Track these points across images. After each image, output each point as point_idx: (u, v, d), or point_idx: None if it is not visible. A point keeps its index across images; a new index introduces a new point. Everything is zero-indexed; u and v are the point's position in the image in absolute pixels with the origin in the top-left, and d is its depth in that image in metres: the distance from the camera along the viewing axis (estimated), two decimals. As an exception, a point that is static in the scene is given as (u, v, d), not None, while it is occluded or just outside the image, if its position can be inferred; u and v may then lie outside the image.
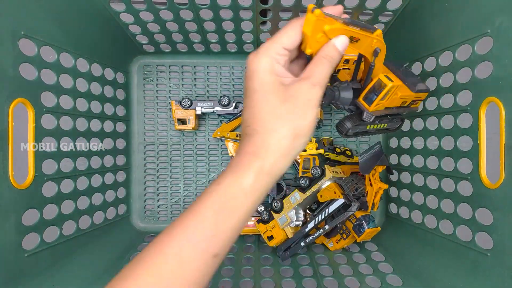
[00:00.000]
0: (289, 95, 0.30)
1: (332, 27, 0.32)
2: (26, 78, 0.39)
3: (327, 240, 0.56)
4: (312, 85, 0.31)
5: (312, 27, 0.31)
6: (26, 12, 0.38)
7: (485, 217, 0.38)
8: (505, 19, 0.35)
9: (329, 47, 0.32)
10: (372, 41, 0.35)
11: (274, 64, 0.31)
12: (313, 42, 0.31)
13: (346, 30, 0.32)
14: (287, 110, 0.30)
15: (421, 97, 0.42)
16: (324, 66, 0.32)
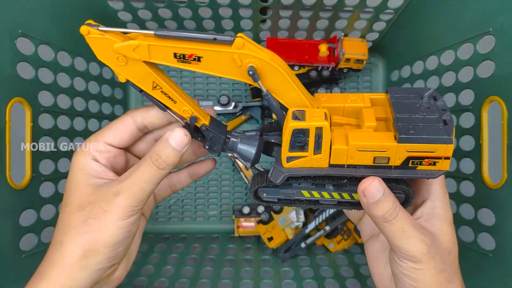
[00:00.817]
0: (89, 201, 0.26)
1: (123, 44, 0.24)
2: (24, 77, 0.38)
3: (328, 241, 0.56)
4: (114, 193, 0.26)
5: (99, 50, 0.24)
6: (24, 11, 0.38)
7: (488, 217, 0.38)
8: (507, 17, 0.35)
9: (160, 143, 0.27)
10: (232, 57, 0.24)
11: (89, 162, 0.27)
12: (117, 67, 0.25)
13: (155, 46, 0.24)
14: (82, 218, 0.26)
15: (434, 151, 0.25)
16: (146, 170, 0.27)
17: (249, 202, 0.63)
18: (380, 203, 0.26)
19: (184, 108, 0.27)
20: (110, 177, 0.28)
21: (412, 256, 0.26)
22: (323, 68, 0.57)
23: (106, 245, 0.26)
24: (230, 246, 0.57)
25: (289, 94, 0.27)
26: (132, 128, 0.29)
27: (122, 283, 0.46)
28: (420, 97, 0.27)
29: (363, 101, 0.29)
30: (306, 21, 0.52)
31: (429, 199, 0.29)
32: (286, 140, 0.26)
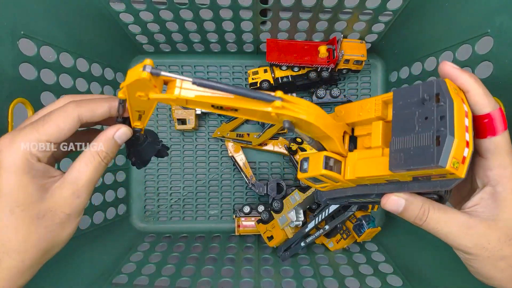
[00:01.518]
0: (46, 208, 0.25)
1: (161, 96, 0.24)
2: (26, 78, 0.39)
3: (327, 240, 0.56)
4: (76, 195, 0.26)
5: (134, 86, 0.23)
6: (26, 12, 0.38)
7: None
8: (506, 18, 0.35)
9: (107, 140, 0.27)
10: (270, 115, 0.23)
11: (32, 162, 0.25)
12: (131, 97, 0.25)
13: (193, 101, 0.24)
14: (43, 225, 0.25)
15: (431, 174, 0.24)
16: (96, 166, 0.27)
17: (249, 202, 0.63)
18: (405, 212, 0.27)
19: (136, 124, 0.29)
20: (53, 174, 0.27)
21: (463, 250, 0.27)
22: (322, 69, 0.57)
23: (64, 242, 0.28)
24: (230, 245, 0.57)
25: (323, 136, 0.27)
26: (76, 126, 0.27)
27: (123, 283, 0.46)
28: (422, 101, 0.25)
29: (374, 107, 0.28)
30: (306, 23, 0.53)
31: (489, 185, 0.27)
32: (309, 183, 0.30)
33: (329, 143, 0.28)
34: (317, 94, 0.59)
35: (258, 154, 0.63)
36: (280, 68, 0.58)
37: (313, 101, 0.59)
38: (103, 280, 0.46)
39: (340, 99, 0.59)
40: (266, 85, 0.58)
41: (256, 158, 0.63)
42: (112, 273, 0.48)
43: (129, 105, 0.26)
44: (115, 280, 0.47)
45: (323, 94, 0.59)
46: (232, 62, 0.63)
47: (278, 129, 0.60)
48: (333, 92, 0.59)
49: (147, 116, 0.28)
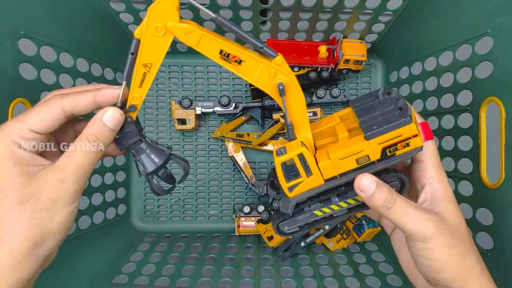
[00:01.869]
0: (30, 193, 0.25)
1: (180, 25, 0.25)
2: (26, 78, 0.39)
3: (327, 240, 0.56)
4: (60, 180, 0.25)
5: (155, 15, 0.24)
6: (26, 12, 0.38)
7: (486, 217, 0.38)
8: (505, 19, 0.35)
9: (95, 123, 0.27)
10: (269, 70, 0.27)
11: (15, 149, 0.25)
12: (148, 30, 0.25)
13: (207, 37, 0.25)
14: (28, 211, 0.24)
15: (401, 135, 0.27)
16: (87, 152, 0.26)
17: (249, 202, 0.63)
18: (377, 194, 0.28)
19: (136, 95, 0.28)
20: (41, 162, 0.26)
21: (422, 236, 0.28)
22: (322, 69, 0.57)
23: (58, 232, 0.26)
24: (230, 245, 0.57)
25: (301, 117, 0.30)
26: (60, 116, 0.27)
27: (123, 283, 0.46)
28: (377, 97, 0.30)
29: (334, 120, 0.33)
30: (306, 23, 0.53)
31: (427, 184, 0.31)
32: (280, 175, 0.30)
33: (303, 129, 0.30)
34: (317, 94, 0.59)
35: (258, 154, 0.63)
36: (280, 68, 0.58)
37: (313, 101, 0.59)
38: (103, 280, 0.46)
39: (340, 99, 0.59)
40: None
41: (256, 158, 0.63)
42: (112, 273, 0.48)
43: (140, 51, 0.26)
44: (115, 280, 0.47)
45: (323, 94, 0.59)
46: (232, 62, 0.63)
47: (278, 129, 0.60)
48: (333, 92, 0.59)
49: (151, 78, 0.27)
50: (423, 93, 0.51)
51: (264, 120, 0.61)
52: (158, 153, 0.30)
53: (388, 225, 0.37)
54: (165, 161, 0.31)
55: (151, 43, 0.26)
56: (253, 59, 0.26)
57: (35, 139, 0.26)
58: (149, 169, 0.30)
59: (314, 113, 0.57)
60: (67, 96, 0.27)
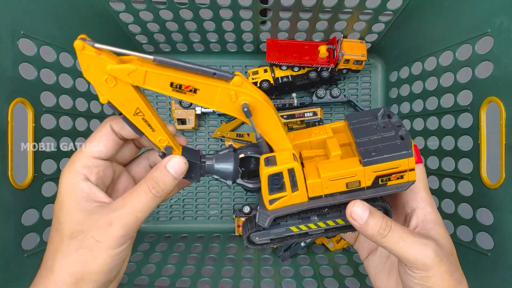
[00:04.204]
0: (83, 229, 0.25)
1: (119, 67, 0.23)
2: (26, 78, 0.39)
3: (328, 240, 0.56)
4: (108, 222, 0.25)
5: (89, 68, 0.23)
6: (26, 12, 0.38)
7: (486, 217, 0.38)
8: (506, 18, 0.35)
9: (158, 170, 0.26)
10: (229, 93, 0.24)
11: (78, 182, 0.26)
12: (103, 88, 0.24)
13: (152, 73, 0.23)
14: (74, 247, 0.25)
15: (398, 166, 0.27)
16: (142, 199, 0.26)
17: (249, 202, 0.63)
18: (371, 221, 0.27)
19: (160, 137, 0.27)
20: (101, 198, 0.26)
21: (422, 263, 0.26)
22: (322, 69, 0.57)
23: (98, 273, 0.25)
24: (230, 245, 0.57)
25: (276, 132, 0.28)
26: (114, 137, 0.28)
27: (123, 283, 0.46)
28: (375, 118, 0.29)
29: (325, 132, 0.32)
30: (306, 23, 0.53)
31: (419, 207, 0.30)
32: (264, 185, 0.28)
33: (280, 143, 0.28)
34: (317, 94, 0.59)
35: (258, 154, 0.63)
36: (280, 68, 0.58)
37: (313, 101, 0.59)
38: (103, 280, 0.46)
39: (340, 99, 0.59)
40: (266, 85, 0.58)
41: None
42: (112, 273, 0.48)
43: (120, 109, 0.25)
44: (115, 280, 0.47)
45: (323, 94, 0.59)
46: (232, 62, 0.63)
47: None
48: (333, 92, 0.59)
49: (151, 117, 0.26)
50: (423, 93, 0.51)
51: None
52: (225, 159, 0.30)
53: (362, 250, 0.36)
54: (236, 160, 0.30)
55: (118, 96, 0.24)
56: (208, 85, 0.24)
57: (98, 166, 0.27)
58: (231, 177, 0.30)
59: (314, 113, 0.57)
60: (116, 118, 0.27)
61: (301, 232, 0.32)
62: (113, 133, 0.28)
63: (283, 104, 0.59)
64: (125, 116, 0.26)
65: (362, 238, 0.36)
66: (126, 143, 0.30)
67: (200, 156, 0.30)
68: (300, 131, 0.33)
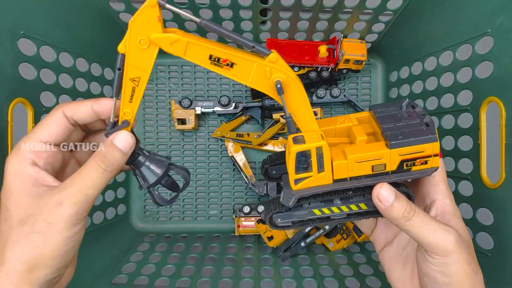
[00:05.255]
0: (32, 213, 0.24)
1: (163, 36, 0.24)
2: (26, 77, 0.39)
3: (327, 240, 0.56)
4: (58, 202, 0.24)
5: (140, 24, 0.24)
6: (26, 12, 0.38)
7: (486, 217, 0.38)
8: (506, 18, 0.35)
9: (107, 146, 0.26)
10: (264, 69, 0.25)
11: (25, 167, 0.25)
12: (131, 44, 0.24)
13: (193, 44, 0.24)
14: (25, 232, 0.24)
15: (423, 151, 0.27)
16: (92, 175, 0.25)
17: (249, 202, 0.63)
18: (396, 204, 0.28)
19: (128, 110, 0.27)
20: (50, 182, 0.26)
21: (443, 249, 0.27)
22: (322, 69, 0.57)
23: (53, 257, 0.24)
24: (230, 245, 0.57)
25: (305, 113, 0.28)
26: (64, 123, 0.27)
27: (123, 283, 0.46)
28: (400, 108, 0.30)
29: (350, 120, 0.32)
30: (306, 23, 0.53)
31: (438, 199, 0.30)
32: (292, 164, 0.28)
33: (309, 124, 0.29)
34: (317, 94, 0.59)
35: (258, 154, 0.63)
36: (280, 68, 0.58)
37: (313, 101, 0.59)
38: (103, 280, 0.46)
39: (340, 99, 0.59)
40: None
41: (256, 158, 0.63)
42: (112, 273, 0.48)
43: (126, 66, 0.25)
44: (115, 280, 0.47)
45: (323, 94, 0.59)
46: (232, 62, 0.63)
47: (278, 129, 0.60)
48: (333, 92, 0.59)
49: (140, 92, 0.26)
50: (423, 93, 0.51)
51: (264, 120, 0.61)
52: (157, 165, 0.30)
53: (378, 241, 0.36)
54: (165, 172, 0.30)
55: (137, 57, 0.25)
56: (245, 60, 0.25)
57: (47, 151, 0.26)
58: (150, 182, 0.29)
59: (315, 113, 0.57)
60: (68, 104, 0.27)
61: (323, 216, 0.32)
62: (65, 119, 0.27)
63: (283, 104, 0.59)
64: (121, 74, 0.26)
65: (379, 229, 0.36)
66: (74, 128, 0.29)
67: (139, 147, 0.30)
68: (324, 119, 0.33)
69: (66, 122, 0.27)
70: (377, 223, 0.37)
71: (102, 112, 0.28)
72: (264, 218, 0.33)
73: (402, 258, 0.34)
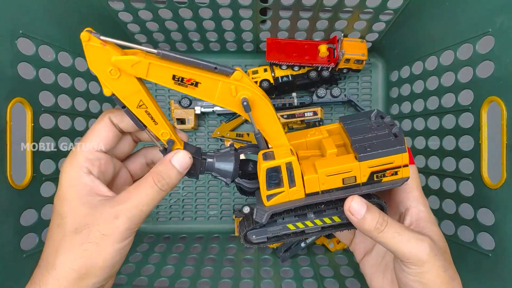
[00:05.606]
0: (87, 223, 0.25)
1: (123, 58, 0.24)
2: (24, 77, 0.38)
3: (328, 241, 0.56)
4: (113, 215, 0.25)
5: (94, 60, 0.24)
6: (25, 11, 0.38)
7: (487, 217, 0.38)
8: (507, 18, 0.35)
9: (163, 164, 0.27)
10: (229, 87, 0.25)
11: (81, 176, 0.25)
12: (107, 80, 0.25)
13: (155, 65, 0.24)
14: (79, 241, 0.24)
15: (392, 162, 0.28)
16: (148, 192, 0.26)
17: (249, 202, 0.63)
18: (368, 216, 0.28)
19: (163, 131, 0.27)
20: (104, 192, 0.26)
21: (418, 258, 0.27)
22: (323, 68, 0.57)
23: (103, 268, 0.25)
24: (230, 246, 0.57)
25: (273, 128, 0.29)
26: (113, 129, 0.28)
27: (122, 283, 0.46)
28: (369, 118, 0.31)
29: (321, 133, 0.32)
30: (306, 22, 0.53)
31: (412, 206, 0.31)
32: (262, 180, 0.29)
33: (278, 139, 0.29)
34: (318, 93, 0.59)
35: (258, 154, 0.63)
36: (280, 67, 0.58)
37: (313, 101, 0.59)
38: (102, 280, 0.46)
39: (341, 98, 0.59)
40: (266, 84, 0.57)
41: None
42: (111, 274, 0.48)
43: (123, 101, 0.25)
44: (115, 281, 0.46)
45: (323, 93, 0.58)
46: (232, 62, 0.63)
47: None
48: (333, 91, 0.59)
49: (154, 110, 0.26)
50: (424, 92, 0.51)
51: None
52: (226, 157, 0.30)
53: (358, 251, 0.36)
54: (236, 160, 0.30)
55: (121, 88, 0.25)
56: (209, 79, 0.25)
57: (99, 158, 0.26)
58: (230, 175, 0.30)
59: (315, 112, 0.57)
60: (114, 111, 0.28)
61: (297, 230, 0.32)
62: (112, 126, 0.28)
63: (283, 103, 0.59)
64: (128, 109, 0.26)
65: (357, 239, 0.37)
66: (124, 137, 0.30)
67: (201, 153, 0.30)
68: (295, 132, 0.34)
69: (114, 129, 0.28)
70: (355, 233, 0.37)
71: None
72: (239, 236, 0.33)
73: (382, 266, 0.34)
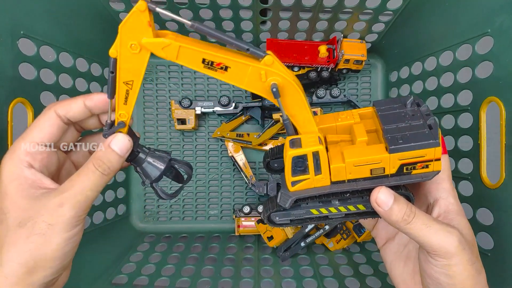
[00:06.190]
0: (31, 215, 0.24)
1: (154, 41, 0.23)
2: (26, 77, 0.39)
3: (327, 240, 0.56)
4: (58, 204, 0.24)
5: (130, 29, 0.23)
6: (26, 12, 0.38)
7: (486, 217, 0.38)
8: (506, 18, 0.35)
9: (103, 150, 0.26)
10: (259, 72, 0.25)
11: (21, 170, 0.25)
12: (123, 47, 0.24)
13: (185, 48, 0.24)
14: (24, 234, 0.24)
15: (424, 155, 0.26)
16: (90, 177, 0.25)
17: (249, 202, 0.63)
18: (395, 207, 0.27)
19: (124, 112, 0.27)
20: (48, 185, 0.26)
21: (446, 251, 0.26)
22: (322, 69, 0.57)
23: (53, 259, 0.24)
24: (230, 245, 0.57)
25: (303, 115, 0.28)
26: (58, 122, 0.27)
27: (123, 283, 0.46)
28: (404, 105, 0.29)
29: (352, 117, 0.31)
30: (306, 23, 0.53)
31: (442, 198, 0.30)
32: (288, 167, 0.28)
33: (307, 126, 0.28)
34: (317, 94, 0.59)
35: (258, 154, 0.63)
36: (280, 68, 0.58)
37: (313, 101, 0.59)
38: (103, 280, 0.46)
39: (340, 99, 0.59)
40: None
41: (256, 158, 0.63)
42: (112, 273, 0.48)
43: (118, 70, 0.25)
44: (115, 280, 0.47)
45: (323, 94, 0.59)
46: (232, 62, 0.63)
47: (278, 129, 0.60)
48: (333, 92, 0.59)
49: (134, 94, 0.26)
50: (423, 93, 0.51)
51: (264, 120, 0.61)
52: (158, 160, 0.30)
53: (380, 237, 0.36)
54: (166, 167, 0.30)
55: (128, 62, 0.25)
56: (239, 63, 0.25)
57: (42, 153, 0.26)
58: (152, 178, 0.30)
59: (314, 113, 0.57)
60: (59, 103, 0.27)
61: (321, 215, 0.32)
62: (58, 118, 0.27)
63: (283, 104, 0.59)
64: (115, 77, 0.26)
65: (380, 225, 0.36)
66: (68, 128, 0.29)
67: (138, 145, 0.30)
68: (326, 115, 0.33)
69: (59, 121, 0.27)
70: (378, 219, 0.36)
71: (94, 107, 0.28)
72: (263, 216, 0.33)
73: (404, 255, 0.34)
